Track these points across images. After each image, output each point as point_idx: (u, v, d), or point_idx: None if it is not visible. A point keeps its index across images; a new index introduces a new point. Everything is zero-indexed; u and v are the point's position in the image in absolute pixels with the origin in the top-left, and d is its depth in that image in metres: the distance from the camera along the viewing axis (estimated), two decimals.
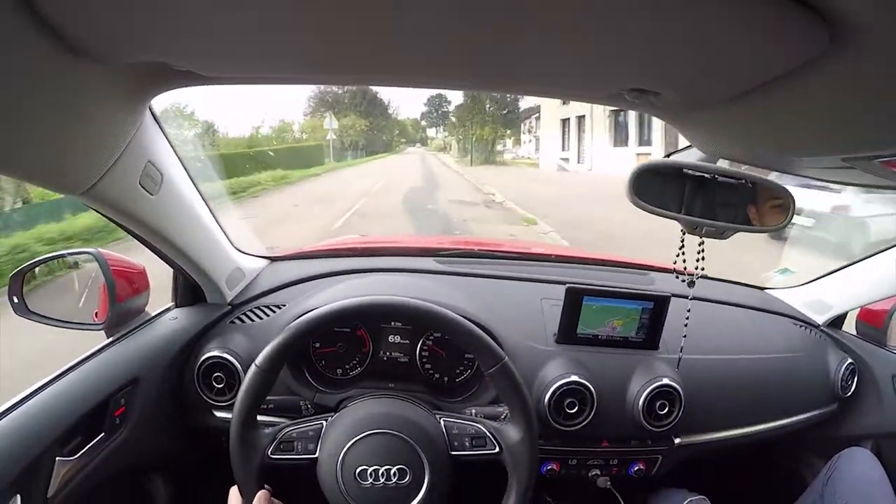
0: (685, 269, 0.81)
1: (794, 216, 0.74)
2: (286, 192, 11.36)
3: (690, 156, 0.76)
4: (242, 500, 0.68)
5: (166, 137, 0.72)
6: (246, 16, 0.37)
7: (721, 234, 0.79)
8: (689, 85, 0.46)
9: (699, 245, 0.80)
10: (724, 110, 0.48)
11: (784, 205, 0.77)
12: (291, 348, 0.71)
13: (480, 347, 0.72)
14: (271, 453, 0.69)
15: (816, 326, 1.23)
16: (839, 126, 0.41)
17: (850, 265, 1.21)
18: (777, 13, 0.30)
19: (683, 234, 0.78)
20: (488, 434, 0.73)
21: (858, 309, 1.24)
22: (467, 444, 0.72)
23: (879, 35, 0.28)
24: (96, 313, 0.93)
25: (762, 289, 1.35)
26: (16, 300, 0.86)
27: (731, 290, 1.29)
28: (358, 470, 0.67)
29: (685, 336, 0.95)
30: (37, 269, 0.92)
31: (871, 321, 1.23)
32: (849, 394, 1.18)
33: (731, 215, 0.77)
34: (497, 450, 0.72)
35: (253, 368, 0.69)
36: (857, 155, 0.43)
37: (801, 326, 1.22)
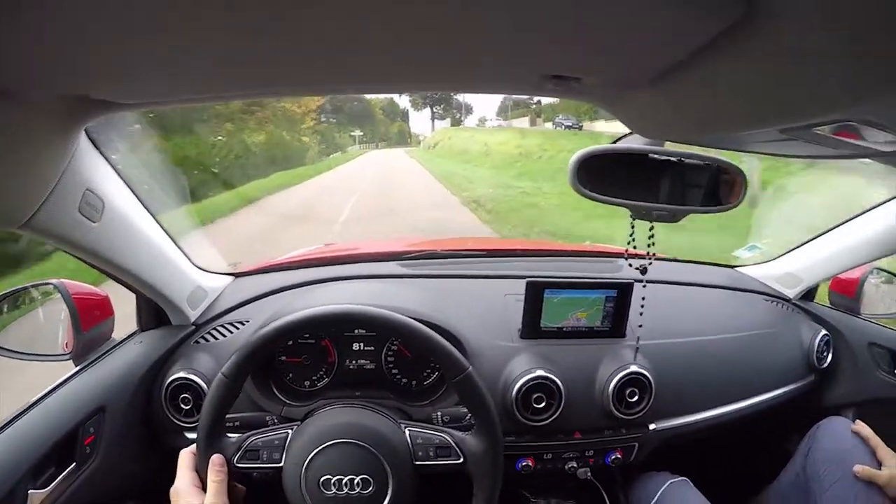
0: (636, 254, 0.82)
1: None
2: None
3: (635, 140, 0.76)
4: (195, 459, 0.70)
5: (108, 161, 0.72)
6: (156, 46, 0.37)
7: (672, 218, 0.78)
8: (607, 68, 0.45)
9: (650, 230, 0.80)
10: (650, 91, 0.48)
11: (736, 182, 0.78)
12: (254, 359, 0.71)
13: (444, 357, 0.72)
14: (237, 461, 0.69)
15: (788, 300, 1.24)
16: (769, 97, 0.39)
17: (817, 237, 1.21)
18: None
19: (633, 219, 0.78)
20: (453, 444, 0.73)
21: (830, 280, 1.25)
22: (431, 454, 0.72)
23: (794, 3, 0.28)
24: (66, 343, 0.93)
25: (732, 267, 1.35)
26: None
27: (700, 270, 1.29)
28: (322, 479, 0.67)
29: (640, 325, 0.96)
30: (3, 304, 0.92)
31: (844, 291, 1.23)
32: (825, 365, 1.18)
33: (681, 197, 0.78)
34: (461, 460, 0.72)
35: (219, 377, 0.69)
36: (794, 125, 0.42)
37: (772, 302, 1.22)
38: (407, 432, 0.74)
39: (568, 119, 26.83)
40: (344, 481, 0.67)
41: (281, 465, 0.71)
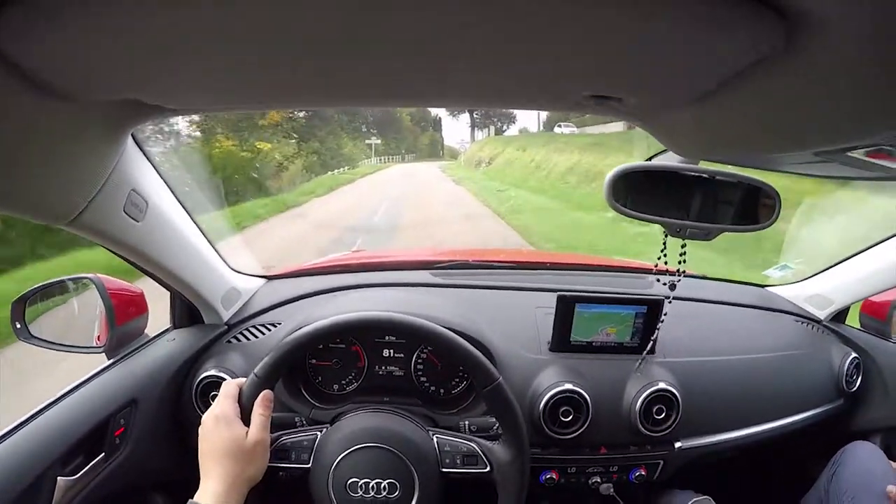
0: (667, 271, 0.81)
1: None
2: None
3: (670, 158, 0.76)
4: (241, 390, 0.71)
5: (152, 164, 0.74)
6: (210, 57, 0.39)
7: (706, 236, 0.78)
8: (648, 89, 0.46)
9: (681, 247, 0.79)
10: (688, 111, 0.48)
11: (770, 202, 0.77)
12: (287, 361, 0.72)
13: (475, 366, 0.73)
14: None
15: (818, 322, 1.21)
16: (805, 121, 0.40)
17: (850, 258, 1.19)
18: (729, 11, 0.30)
19: (665, 236, 0.78)
20: (480, 453, 0.73)
21: (861, 302, 1.22)
22: (458, 461, 0.73)
23: (835, 29, 0.28)
24: (98, 337, 0.96)
25: (762, 286, 1.33)
26: (18, 326, 0.89)
27: (730, 289, 1.28)
28: (349, 482, 0.68)
29: (654, 339, 0.95)
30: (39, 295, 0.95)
31: (875, 314, 1.21)
32: (854, 388, 1.16)
33: (715, 215, 0.77)
34: (488, 469, 0.73)
35: (251, 377, 0.71)
36: (828, 148, 0.43)
37: (802, 323, 1.20)
38: (435, 439, 0.75)
39: (569, 126, 27.80)
40: (371, 485, 0.68)
41: (309, 465, 0.72)
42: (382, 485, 0.68)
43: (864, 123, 0.35)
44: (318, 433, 0.75)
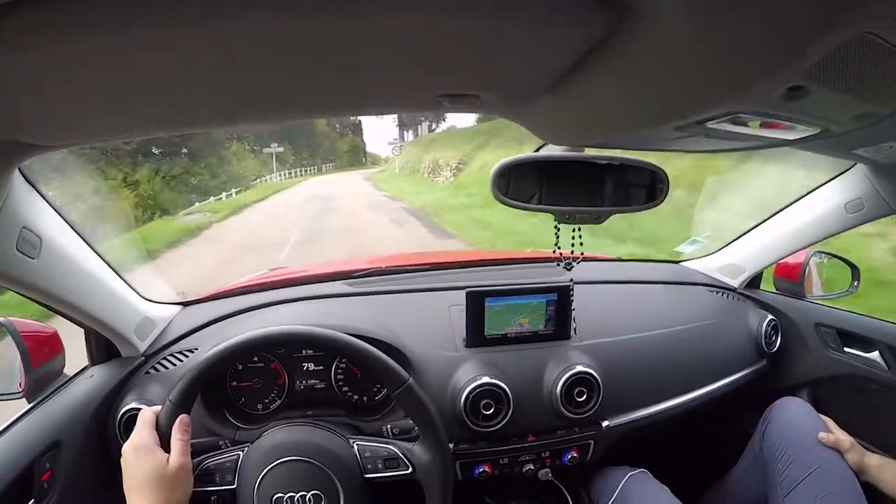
0: (562, 255, 0.84)
1: None
2: None
3: (554, 149, 0.79)
4: (157, 418, 0.71)
5: (44, 199, 0.73)
6: (86, 91, 0.39)
7: (596, 219, 0.81)
8: (502, 82, 0.47)
9: (573, 231, 0.83)
10: (548, 98, 0.50)
11: (657, 182, 0.81)
12: (199, 383, 0.73)
13: (384, 371, 0.74)
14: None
15: (733, 290, 1.28)
16: (653, 97, 0.42)
17: (756, 226, 1.25)
18: (553, 4, 0.32)
19: (557, 222, 0.81)
20: (401, 455, 0.75)
21: (773, 267, 1.29)
22: (380, 466, 0.74)
23: (662, 12, 0.30)
24: (20, 382, 0.93)
25: (676, 262, 1.39)
26: None
27: (644, 268, 1.33)
28: (274, 497, 0.69)
29: (575, 322, 0.98)
30: None
31: (788, 276, 1.27)
32: (775, 349, 1.22)
33: (602, 199, 0.81)
34: (410, 470, 0.74)
35: (166, 404, 0.71)
36: (685, 122, 0.45)
37: (717, 293, 1.26)
38: (355, 446, 0.76)
39: None
40: (296, 498, 0.69)
41: (234, 486, 0.72)
42: (307, 497, 0.69)
43: (705, 95, 0.38)
44: (241, 452, 0.75)
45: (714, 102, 0.39)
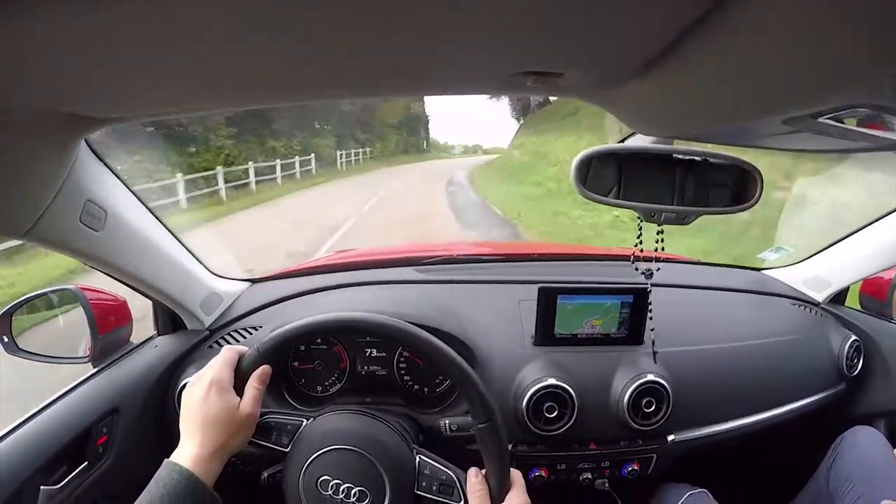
0: (643, 257, 0.79)
1: None
2: None
3: (642, 140, 0.74)
4: (240, 359, 0.69)
5: (112, 171, 0.74)
6: (132, 67, 0.38)
7: (682, 220, 0.75)
8: (589, 60, 0.43)
9: (657, 233, 0.77)
10: (638, 83, 0.46)
11: (751, 182, 0.74)
12: (291, 343, 0.71)
13: (472, 398, 0.68)
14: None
15: (816, 305, 1.18)
16: (763, 84, 0.37)
17: (847, 237, 1.16)
18: None
19: (640, 221, 0.75)
20: (458, 484, 0.70)
21: (860, 282, 1.19)
22: (434, 488, 0.70)
23: None
24: (87, 348, 0.96)
25: (758, 270, 1.30)
26: (5, 339, 0.90)
27: (725, 273, 1.25)
28: (321, 478, 0.67)
29: (653, 329, 0.92)
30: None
31: (875, 294, 1.18)
32: (855, 372, 1.13)
33: (691, 198, 0.75)
34: (462, 502, 0.70)
35: (252, 350, 0.69)
36: (798, 114, 0.39)
37: (800, 306, 1.17)
38: (418, 458, 0.72)
39: None
40: (342, 487, 0.67)
41: (287, 450, 0.71)
42: (353, 490, 0.67)
43: (824, 83, 0.32)
44: (304, 420, 0.73)
45: (836, 91, 0.33)
